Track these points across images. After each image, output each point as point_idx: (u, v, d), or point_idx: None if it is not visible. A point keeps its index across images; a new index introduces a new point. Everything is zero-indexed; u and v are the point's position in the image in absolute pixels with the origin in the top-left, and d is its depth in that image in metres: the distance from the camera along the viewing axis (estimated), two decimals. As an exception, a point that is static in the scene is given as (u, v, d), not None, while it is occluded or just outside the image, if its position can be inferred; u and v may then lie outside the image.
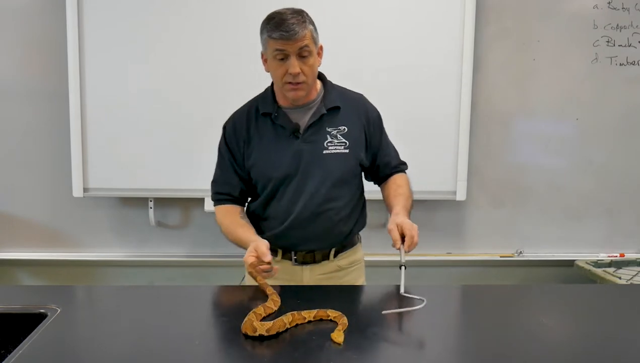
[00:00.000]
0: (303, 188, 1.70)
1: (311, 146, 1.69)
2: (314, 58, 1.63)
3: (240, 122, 1.76)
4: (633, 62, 2.85)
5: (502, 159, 2.93)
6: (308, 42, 1.59)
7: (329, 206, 1.71)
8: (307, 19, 1.62)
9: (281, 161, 1.69)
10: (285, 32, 1.56)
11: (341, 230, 1.76)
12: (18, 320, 1.38)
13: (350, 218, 1.78)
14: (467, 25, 2.71)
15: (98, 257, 2.94)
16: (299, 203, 1.70)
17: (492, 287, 2.18)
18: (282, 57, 1.60)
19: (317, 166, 1.69)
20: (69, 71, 2.68)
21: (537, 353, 1.22)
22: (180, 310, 1.45)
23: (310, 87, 1.67)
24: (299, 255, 1.75)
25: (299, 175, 1.69)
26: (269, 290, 1.48)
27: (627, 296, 1.63)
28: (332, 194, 1.71)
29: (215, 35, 2.71)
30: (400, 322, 1.41)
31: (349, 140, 1.71)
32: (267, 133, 1.72)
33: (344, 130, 1.71)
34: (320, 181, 1.69)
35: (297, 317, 1.33)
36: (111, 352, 1.22)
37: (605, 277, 2.65)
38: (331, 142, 1.70)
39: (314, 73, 1.65)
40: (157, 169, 2.77)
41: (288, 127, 1.70)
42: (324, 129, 1.70)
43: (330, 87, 1.76)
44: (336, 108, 1.72)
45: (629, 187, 2.95)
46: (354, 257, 1.84)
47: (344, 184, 1.73)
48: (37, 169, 2.87)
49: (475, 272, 3.01)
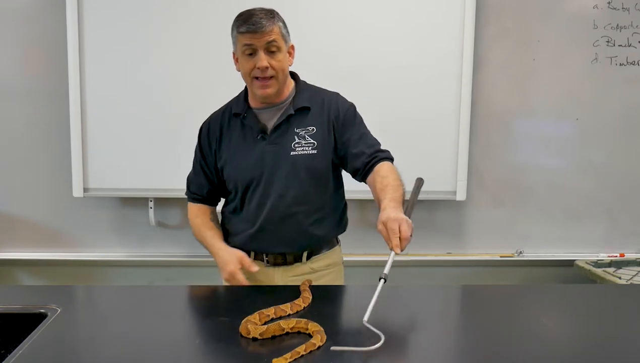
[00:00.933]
0: (270, 191, 1.68)
1: (277, 148, 1.67)
2: (283, 55, 1.63)
3: (214, 124, 1.77)
4: (633, 62, 2.85)
5: (502, 159, 2.93)
6: (276, 37, 1.59)
7: (298, 209, 1.68)
8: (277, 17, 1.63)
9: (247, 163, 1.69)
10: (252, 25, 1.58)
11: (313, 234, 1.72)
12: (18, 320, 1.38)
13: (324, 221, 1.74)
14: (467, 25, 2.71)
15: (98, 257, 2.94)
16: (267, 206, 1.68)
17: (492, 287, 2.18)
18: (250, 52, 1.61)
19: (283, 168, 1.67)
20: (69, 71, 2.68)
21: (537, 353, 1.22)
22: (180, 310, 1.45)
23: (280, 85, 1.65)
24: (270, 257, 1.74)
25: (264, 178, 1.68)
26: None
27: (627, 296, 1.63)
28: (300, 197, 1.68)
29: (215, 35, 2.70)
30: (401, 322, 1.41)
31: (317, 141, 1.67)
32: (236, 134, 1.72)
33: (313, 131, 1.68)
34: (286, 183, 1.67)
35: (275, 328, 1.28)
36: (111, 352, 1.22)
37: (605, 277, 2.65)
38: (299, 143, 1.67)
39: (283, 70, 1.64)
40: (157, 169, 2.77)
41: (255, 128, 1.69)
42: (291, 129, 1.68)
43: (302, 88, 1.74)
44: (305, 108, 1.69)
45: (629, 187, 2.95)
46: (330, 260, 1.79)
47: (314, 186, 1.69)
48: (37, 169, 2.87)
49: (475, 272, 3.01)
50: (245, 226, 1.73)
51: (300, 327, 1.28)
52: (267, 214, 1.69)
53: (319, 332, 1.25)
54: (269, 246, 1.73)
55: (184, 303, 1.51)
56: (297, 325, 1.28)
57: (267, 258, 1.74)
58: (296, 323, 1.28)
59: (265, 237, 1.71)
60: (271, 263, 1.74)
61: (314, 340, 1.21)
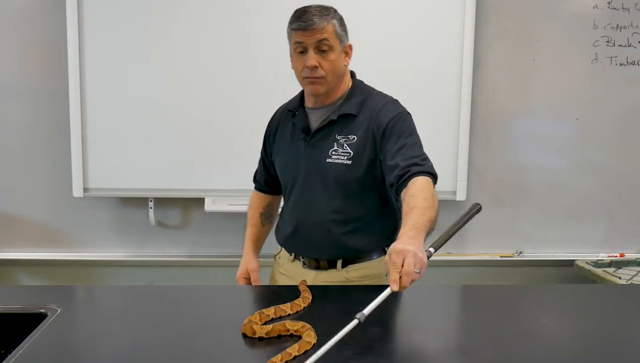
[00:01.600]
0: (305, 195, 1.66)
1: (315, 151, 1.63)
2: (336, 55, 1.56)
3: (275, 118, 1.79)
4: (633, 62, 2.85)
5: (502, 159, 2.92)
6: (328, 35, 1.54)
7: (331, 217, 1.63)
8: (332, 14, 1.57)
9: (288, 163, 1.70)
10: (303, 22, 1.53)
11: (347, 244, 1.65)
12: (18, 320, 1.38)
13: (360, 233, 1.65)
14: (467, 25, 2.71)
15: (98, 257, 2.94)
16: (301, 210, 1.67)
17: (492, 287, 2.18)
18: (301, 50, 1.55)
19: (318, 174, 1.63)
20: (69, 71, 2.68)
21: (537, 353, 1.22)
22: (180, 310, 1.45)
23: (331, 85, 1.59)
24: (306, 259, 1.72)
25: (300, 181, 1.66)
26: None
27: (627, 296, 1.63)
28: (334, 206, 1.62)
29: (215, 35, 2.71)
30: (401, 322, 1.41)
31: (354, 151, 1.59)
32: (287, 131, 1.72)
33: (353, 140, 1.60)
34: (321, 191, 1.63)
35: (280, 328, 1.28)
36: (111, 352, 1.22)
37: (605, 277, 2.65)
38: (336, 151, 1.61)
39: (334, 70, 1.57)
40: (157, 169, 2.77)
41: (301, 127, 1.66)
42: (333, 135, 1.61)
43: (356, 91, 1.66)
44: (350, 115, 1.61)
45: (629, 187, 2.95)
46: (367, 271, 1.68)
47: (347, 197, 1.62)
48: (37, 169, 2.87)
49: (475, 272, 3.01)
50: (284, 226, 1.76)
51: (304, 331, 1.27)
52: (300, 218, 1.68)
53: (303, 329, 1.25)
54: (303, 249, 1.71)
55: (184, 303, 1.51)
56: (301, 329, 1.27)
57: (303, 260, 1.73)
58: (301, 327, 1.27)
59: (299, 240, 1.70)
60: (307, 266, 1.72)
61: (307, 339, 1.21)
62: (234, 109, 2.75)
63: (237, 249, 2.94)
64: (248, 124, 2.71)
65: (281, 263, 1.80)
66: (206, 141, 2.76)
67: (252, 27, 2.71)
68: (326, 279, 1.67)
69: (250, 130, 2.70)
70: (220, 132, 2.76)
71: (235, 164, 2.73)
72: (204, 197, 2.79)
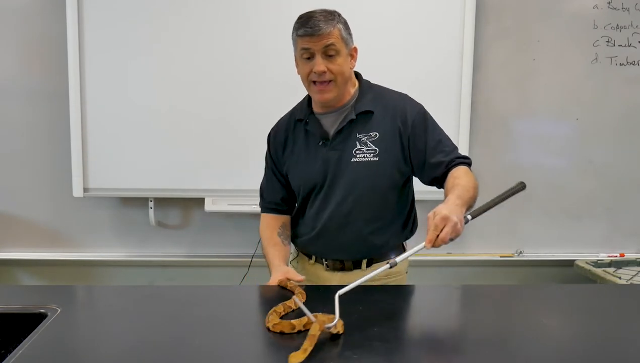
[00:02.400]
0: (330, 197, 1.66)
1: (338, 153, 1.63)
2: (343, 58, 1.58)
3: (280, 130, 1.75)
4: (633, 62, 2.85)
5: (502, 159, 2.92)
6: (335, 40, 1.55)
7: (357, 216, 1.65)
8: (337, 18, 1.59)
9: (310, 169, 1.67)
10: (309, 29, 1.53)
11: (373, 243, 1.68)
12: (18, 320, 1.38)
13: (385, 230, 1.69)
14: (467, 25, 2.71)
15: (98, 257, 2.94)
16: (326, 212, 1.67)
17: (492, 287, 2.18)
18: (308, 55, 1.57)
19: (344, 175, 1.63)
20: (69, 71, 2.68)
21: (537, 353, 1.22)
22: (180, 310, 1.45)
23: (340, 89, 1.61)
24: (330, 262, 1.73)
25: (327, 184, 1.66)
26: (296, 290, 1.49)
27: (627, 296, 1.63)
28: (360, 204, 1.64)
29: (215, 35, 2.71)
30: (401, 322, 1.41)
31: (379, 148, 1.62)
32: (300, 140, 1.70)
33: (376, 136, 1.62)
34: (347, 190, 1.64)
35: (285, 325, 1.28)
36: (111, 352, 1.22)
37: (605, 277, 2.65)
38: (360, 150, 1.62)
39: (342, 73, 1.58)
40: (157, 169, 2.77)
41: (317, 133, 1.66)
42: (353, 135, 1.63)
43: (366, 89, 1.68)
44: (369, 112, 1.64)
45: (629, 187, 2.95)
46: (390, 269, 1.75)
47: (374, 194, 1.64)
48: (37, 169, 2.87)
49: (475, 272, 3.01)
50: (306, 230, 1.74)
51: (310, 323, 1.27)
52: (325, 220, 1.67)
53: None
54: (327, 251, 1.71)
55: (184, 303, 1.50)
56: (308, 322, 1.26)
57: (326, 263, 1.73)
58: (308, 320, 1.26)
59: (324, 242, 1.71)
60: (330, 268, 1.73)
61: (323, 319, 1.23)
62: (235, 109, 2.75)
63: (237, 249, 2.96)
64: (248, 123, 2.71)
65: (300, 267, 1.81)
66: (206, 141, 2.76)
67: (253, 27, 2.72)
68: (351, 280, 1.64)
69: (251, 130, 2.72)
70: (220, 132, 2.76)
71: (235, 164, 2.74)
72: (204, 197, 2.79)
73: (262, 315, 1.35)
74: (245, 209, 2.72)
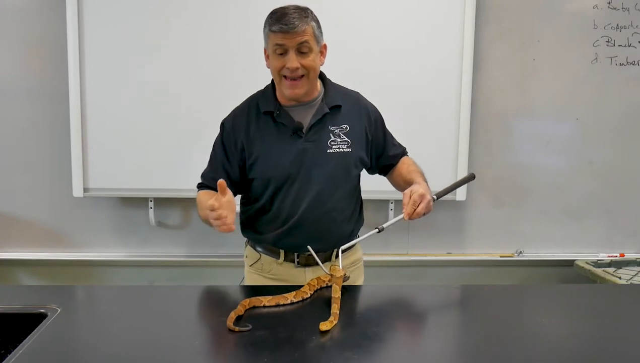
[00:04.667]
0: (307, 188, 1.68)
1: (315, 145, 1.68)
2: (315, 55, 1.61)
3: (239, 121, 1.73)
4: (633, 62, 2.85)
5: (502, 159, 2.93)
6: (308, 38, 1.58)
7: (333, 206, 1.71)
8: (310, 16, 1.61)
9: (284, 160, 1.67)
10: (284, 25, 1.56)
11: (344, 230, 1.76)
12: (18, 320, 1.38)
13: (352, 217, 1.78)
14: (467, 24, 2.71)
15: (98, 257, 2.94)
16: (304, 203, 1.68)
17: (492, 287, 2.18)
18: (281, 51, 1.59)
19: (320, 165, 1.68)
20: (69, 71, 2.68)
21: (537, 353, 1.22)
22: (180, 310, 1.45)
23: (310, 84, 1.65)
24: (302, 257, 1.73)
25: (302, 175, 1.67)
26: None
27: (627, 296, 1.63)
28: (336, 194, 1.71)
29: (215, 34, 2.71)
30: (401, 322, 1.41)
31: (350, 139, 1.70)
32: (269, 132, 1.69)
33: (346, 129, 1.71)
34: (324, 181, 1.68)
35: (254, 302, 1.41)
36: (111, 352, 1.22)
37: (605, 277, 2.65)
38: (334, 141, 1.69)
39: (314, 69, 1.63)
40: (157, 169, 2.77)
41: (290, 125, 1.67)
42: (326, 127, 1.69)
43: (330, 86, 1.75)
44: (338, 106, 1.71)
45: (629, 187, 2.95)
46: (355, 256, 1.84)
47: (346, 183, 1.73)
48: (37, 169, 2.87)
49: (475, 272, 3.01)
50: (276, 224, 1.72)
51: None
52: (303, 212, 1.68)
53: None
54: (302, 244, 1.68)
55: (184, 303, 1.51)
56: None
57: (297, 260, 1.74)
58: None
59: (298, 234, 1.70)
60: (302, 264, 1.74)
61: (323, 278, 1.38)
62: (234, 109, 2.75)
63: (237, 249, 2.95)
64: (248, 123, 2.71)
65: (265, 269, 1.79)
66: (206, 141, 2.74)
67: (254, 27, 2.70)
68: (322, 273, 1.67)
69: (250, 130, 2.71)
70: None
71: (235, 164, 2.73)
72: (204, 197, 2.79)
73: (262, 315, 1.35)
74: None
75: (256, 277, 1.81)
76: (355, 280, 1.81)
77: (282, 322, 1.36)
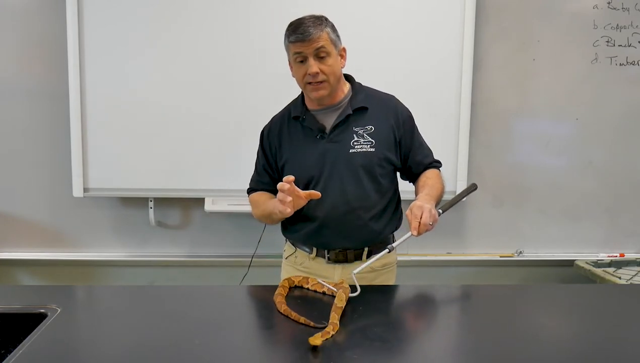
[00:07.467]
0: (331, 188, 1.73)
1: (337, 145, 1.73)
2: (333, 59, 1.69)
3: (274, 127, 1.84)
4: (633, 62, 2.85)
5: (502, 159, 2.93)
6: (324, 43, 1.66)
7: (357, 204, 1.74)
8: (325, 22, 1.69)
9: (307, 161, 1.75)
10: (300, 34, 1.64)
11: (373, 229, 1.78)
12: (18, 320, 1.39)
13: (382, 216, 1.80)
14: (467, 24, 2.71)
15: (98, 257, 2.94)
16: (328, 202, 1.72)
17: (492, 287, 2.18)
18: (301, 59, 1.67)
19: (343, 165, 1.73)
20: (69, 71, 2.68)
21: (537, 353, 1.22)
22: (180, 310, 1.45)
23: (332, 87, 1.71)
24: (332, 253, 1.79)
25: (325, 175, 1.73)
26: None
27: (627, 296, 1.63)
28: (359, 192, 1.74)
29: (215, 35, 2.71)
30: (401, 322, 1.41)
31: (375, 139, 1.74)
32: (297, 135, 1.78)
33: (371, 130, 1.75)
34: (347, 180, 1.73)
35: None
36: (111, 352, 1.22)
37: (605, 277, 2.65)
38: (357, 141, 1.73)
39: (334, 73, 1.70)
40: (157, 169, 2.77)
41: (315, 128, 1.75)
42: (350, 128, 1.74)
43: (358, 89, 1.81)
44: (363, 108, 1.76)
45: (629, 187, 2.95)
46: (387, 259, 1.83)
47: (372, 182, 1.75)
48: (37, 169, 2.87)
49: (475, 272, 3.01)
50: (305, 223, 1.78)
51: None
52: (327, 210, 1.74)
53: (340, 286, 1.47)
54: (331, 241, 1.78)
55: (184, 303, 1.51)
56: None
57: (328, 255, 1.79)
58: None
59: (327, 233, 1.77)
60: (332, 260, 1.79)
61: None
62: (235, 109, 2.75)
63: (237, 249, 2.96)
64: (248, 123, 2.70)
65: (299, 262, 1.85)
66: (206, 141, 2.76)
67: (254, 27, 2.71)
68: (353, 271, 1.69)
69: (251, 130, 2.68)
70: (220, 132, 2.76)
71: (235, 164, 2.73)
72: (204, 197, 2.79)
73: (261, 315, 1.35)
74: (245, 209, 2.69)
75: (290, 269, 1.88)
76: (385, 283, 1.84)
77: (282, 321, 1.36)
